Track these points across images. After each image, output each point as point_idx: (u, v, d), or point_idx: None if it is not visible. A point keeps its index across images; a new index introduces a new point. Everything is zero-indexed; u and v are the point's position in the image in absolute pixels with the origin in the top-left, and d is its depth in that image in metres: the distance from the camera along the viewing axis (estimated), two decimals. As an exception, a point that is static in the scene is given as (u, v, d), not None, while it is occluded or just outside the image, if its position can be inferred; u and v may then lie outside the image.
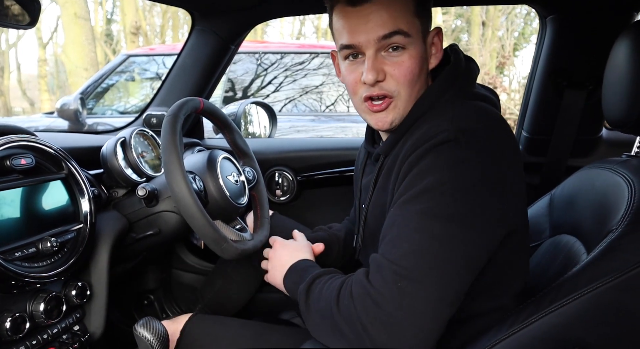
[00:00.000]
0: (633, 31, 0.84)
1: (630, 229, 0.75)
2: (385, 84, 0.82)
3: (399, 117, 0.85)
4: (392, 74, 0.81)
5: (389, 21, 0.78)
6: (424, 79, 0.85)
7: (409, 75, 0.81)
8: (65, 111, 2.62)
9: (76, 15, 6.39)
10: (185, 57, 1.50)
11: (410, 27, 0.79)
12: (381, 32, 0.79)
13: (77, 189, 0.95)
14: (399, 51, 0.80)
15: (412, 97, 0.84)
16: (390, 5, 0.78)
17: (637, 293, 0.72)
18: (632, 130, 0.87)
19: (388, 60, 0.81)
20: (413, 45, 0.81)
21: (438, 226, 0.70)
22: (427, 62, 0.85)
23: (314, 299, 0.81)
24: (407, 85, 0.82)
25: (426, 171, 0.73)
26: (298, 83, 3.28)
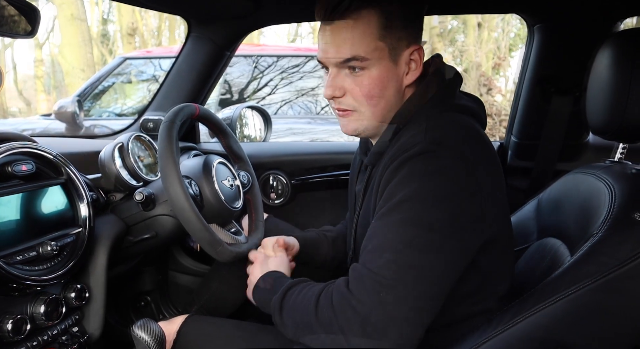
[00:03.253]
0: (614, 42, 0.86)
1: (609, 233, 0.78)
2: (344, 100, 0.86)
3: (362, 128, 0.89)
4: (351, 91, 0.85)
5: (347, 47, 0.81)
6: (390, 96, 0.86)
7: (367, 94, 0.84)
8: (62, 113, 2.64)
9: (73, 16, 6.39)
10: (181, 63, 1.53)
11: (370, 51, 0.81)
12: (338, 57, 0.82)
13: (76, 194, 0.98)
14: (358, 71, 0.83)
15: (375, 113, 0.87)
16: (351, 30, 0.80)
17: (616, 295, 0.75)
18: (613, 137, 0.89)
19: (348, 79, 0.84)
20: (375, 66, 0.82)
21: (417, 234, 0.73)
22: (396, 80, 0.86)
23: (288, 309, 0.83)
24: (365, 103, 0.85)
25: (403, 183, 0.75)
26: (294, 85, 3.30)
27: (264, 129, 1.90)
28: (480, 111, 0.90)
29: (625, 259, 0.74)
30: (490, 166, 0.81)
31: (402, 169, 0.77)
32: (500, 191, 0.83)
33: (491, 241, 0.81)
